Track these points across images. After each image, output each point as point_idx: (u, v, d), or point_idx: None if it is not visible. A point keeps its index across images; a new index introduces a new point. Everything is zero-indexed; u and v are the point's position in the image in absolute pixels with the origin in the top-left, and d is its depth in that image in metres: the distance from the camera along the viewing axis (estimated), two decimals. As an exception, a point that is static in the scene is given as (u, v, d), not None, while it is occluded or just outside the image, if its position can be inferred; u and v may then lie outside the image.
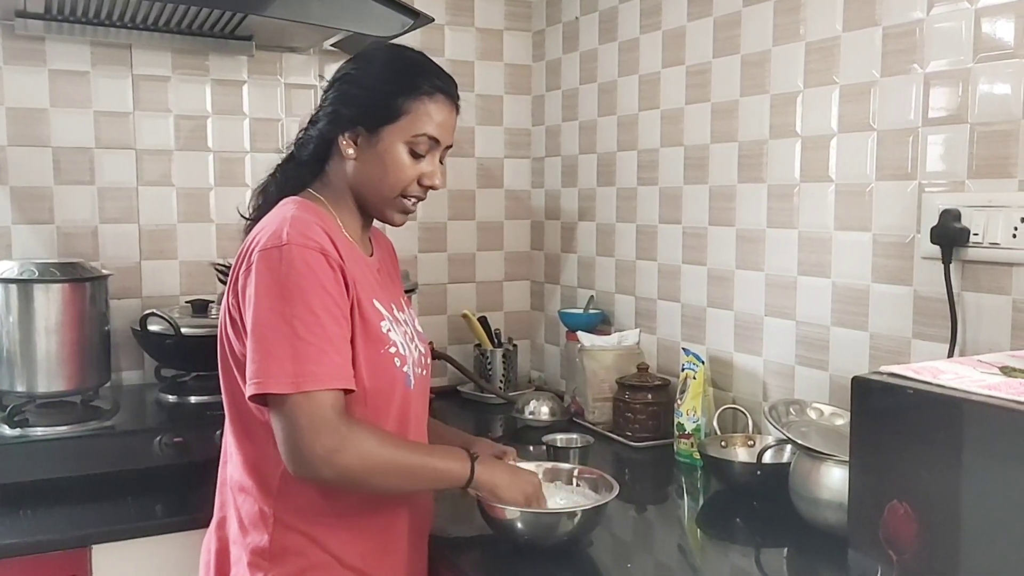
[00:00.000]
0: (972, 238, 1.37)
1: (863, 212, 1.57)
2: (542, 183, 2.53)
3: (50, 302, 1.72)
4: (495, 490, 1.28)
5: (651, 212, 2.10)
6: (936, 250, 1.41)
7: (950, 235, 1.39)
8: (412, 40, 2.30)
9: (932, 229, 1.41)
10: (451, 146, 1.32)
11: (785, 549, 1.43)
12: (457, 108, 1.31)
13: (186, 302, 2.05)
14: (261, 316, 1.14)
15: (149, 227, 2.13)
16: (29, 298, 1.70)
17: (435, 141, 1.27)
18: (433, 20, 1.91)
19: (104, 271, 1.85)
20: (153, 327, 1.85)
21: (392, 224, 1.33)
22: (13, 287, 1.70)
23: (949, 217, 1.39)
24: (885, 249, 1.54)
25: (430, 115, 1.25)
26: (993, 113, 1.36)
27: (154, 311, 1.85)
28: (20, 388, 1.72)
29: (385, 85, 1.25)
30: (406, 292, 2.07)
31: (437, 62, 1.29)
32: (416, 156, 1.26)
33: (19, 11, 1.86)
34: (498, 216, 2.55)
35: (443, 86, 1.27)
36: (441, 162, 1.31)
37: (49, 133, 2.02)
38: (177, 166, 2.15)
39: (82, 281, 1.76)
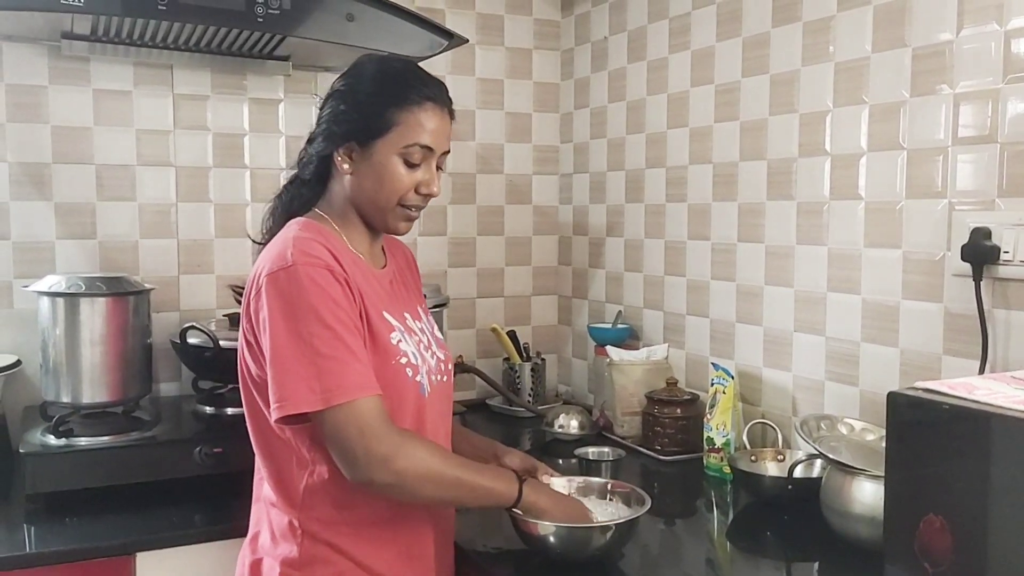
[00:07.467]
0: (1003, 256, 1.38)
1: (893, 229, 1.59)
2: (570, 199, 2.56)
3: (95, 315, 1.76)
4: (540, 515, 1.30)
5: (679, 228, 2.13)
6: (967, 267, 1.42)
7: (980, 253, 1.40)
8: (443, 59, 2.36)
9: (963, 247, 1.43)
10: (448, 152, 1.32)
11: (816, 563, 1.44)
12: (451, 113, 1.31)
13: (223, 315, 2.09)
14: (279, 339, 1.16)
15: (187, 242, 2.18)
16: (75, 311, 1.75)
17: (428, 149, 1.26)
18: (467, 41, 1.95)
19: (147, 285, 1.90)
20: (192, 340, 1.88)
21: (397, 233, 1.33)
22: (60, 300, 1.74)
23: (979, 235, 1.41)
24: (915, 266, 1.55)
25: (421, 124, 1.25)
26: (1023, 133, 1.37)
27: (194, 324, 1.88)
28: (65, 399, 1.77)
29: (373, 98, 1.25)
30: (436, 306, 2.13)
31: (462, 79, 1.30)
32: (411, 166, 1.26)
33: (65, 32, 1.92)
34: (526, 231, 2.58)
35: (431, 94, 1.27)
36: (440, 168, 1.31)
37: (92, 151, 2.07)
38: (214, 182, 2.20)
39: (126, 295, 1.81)
